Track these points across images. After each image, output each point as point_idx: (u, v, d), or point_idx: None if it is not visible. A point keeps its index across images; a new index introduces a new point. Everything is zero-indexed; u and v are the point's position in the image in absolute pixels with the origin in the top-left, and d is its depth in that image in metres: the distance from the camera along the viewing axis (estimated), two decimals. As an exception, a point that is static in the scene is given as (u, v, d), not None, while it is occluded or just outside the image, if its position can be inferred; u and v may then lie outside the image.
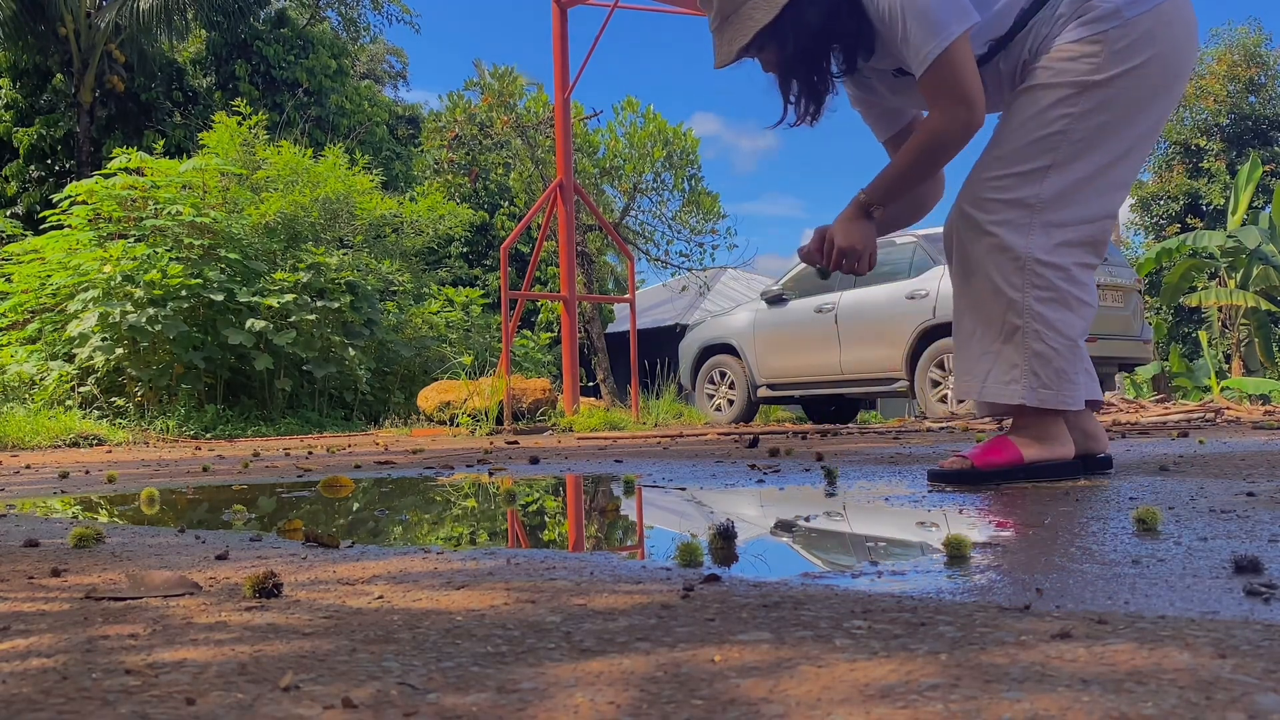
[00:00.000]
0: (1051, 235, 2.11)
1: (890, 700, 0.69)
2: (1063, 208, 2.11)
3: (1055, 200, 2.10)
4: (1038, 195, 2.11)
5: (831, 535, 1.71)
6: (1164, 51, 2.10)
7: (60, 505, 2.53)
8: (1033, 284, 2.10)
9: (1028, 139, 2.12)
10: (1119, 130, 2.11)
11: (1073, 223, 2.12)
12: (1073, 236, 2.12)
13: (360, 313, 9.98)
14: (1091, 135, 2.09)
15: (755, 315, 9.09)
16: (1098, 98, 2.08)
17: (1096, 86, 2.08)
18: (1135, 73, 2.09)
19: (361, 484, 2.86)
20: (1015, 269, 2.11)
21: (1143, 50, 2.08)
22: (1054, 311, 2.10)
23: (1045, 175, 2.10)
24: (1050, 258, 2.10)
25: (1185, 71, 2.18)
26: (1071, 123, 2.09)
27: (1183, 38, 2.13)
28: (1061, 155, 2.10)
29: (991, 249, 2.15)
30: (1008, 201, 2.13)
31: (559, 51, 8.60)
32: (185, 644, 0.91)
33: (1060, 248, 2.11)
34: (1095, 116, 2.09)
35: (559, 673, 0.79)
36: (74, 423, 7.66)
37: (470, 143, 15.79)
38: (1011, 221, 2.12)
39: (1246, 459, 2.72)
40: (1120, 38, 2.08)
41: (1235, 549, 1.28)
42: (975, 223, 2.18)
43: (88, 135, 17.11)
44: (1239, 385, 15.15)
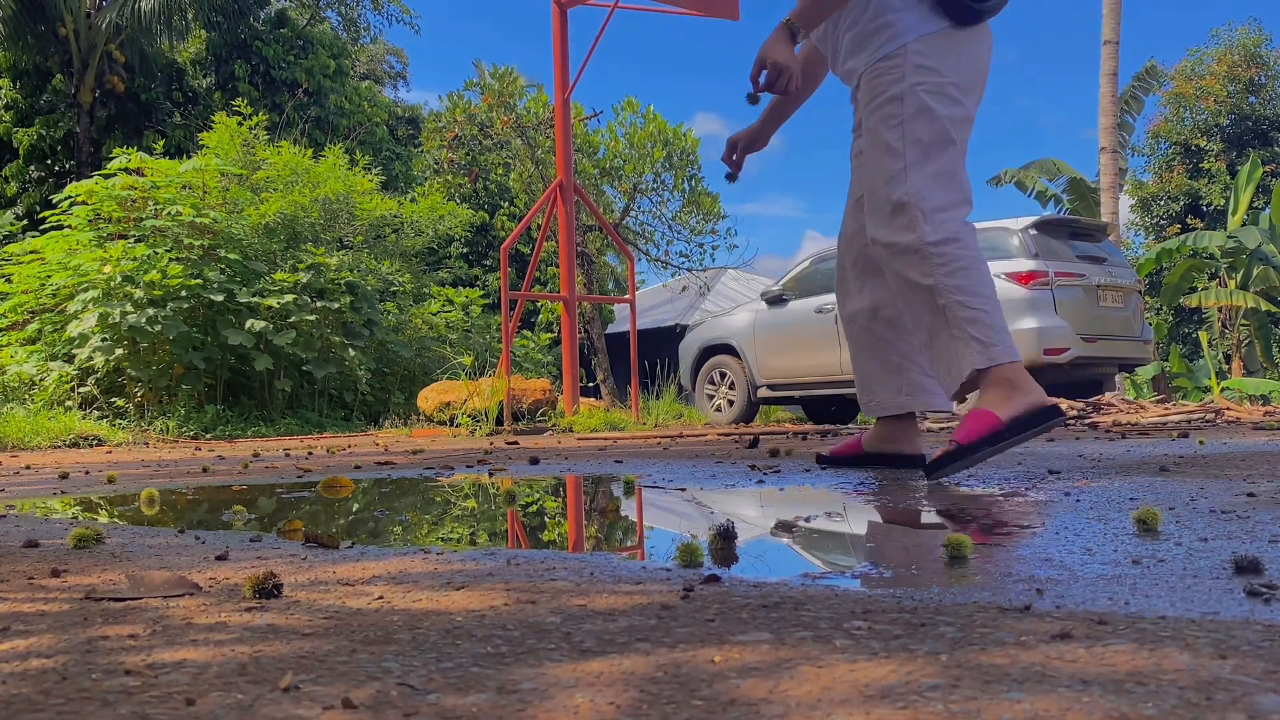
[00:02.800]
0: (931, 220, 2.35)
1: (890, 701, 0.69)
2: (930, 190, 2.37)
3: (925, 191, 2.37)
4: (906, 192, 2.38)
5: (831, 536, 1.71)
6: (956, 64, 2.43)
7: (60, 506, 2.53)
8: (936, 265, 2.32)
9: (882, 152, 2.43)
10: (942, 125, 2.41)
11: (944, 207, 2.37)
12: (948, 218, 2.36)
13: (360, 313, 9.98)
14: (920, 128, 2.39)
15: (755, 316, 9.09)
16: (912, 103, 2.40)
17: (904, 96, 2.41)
18: (932, 80, 2.41)
19: (361, 484, 2.86)
20: (918, 261, 2.34)
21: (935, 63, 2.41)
22: (965, 279, 2.31)
23: (908, 175, 2.38)
24: (939, 235, 2.33)
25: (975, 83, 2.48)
26: (903, 128, 2.40)
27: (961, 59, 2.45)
28: (911, 155, 2.39)
29: (896, 257, 2.39)
30: (894, 208, 2.39)
31: (559, 52, 8.60)
32: (185, 644, 0.91)
33: (941, 227, 2.34)
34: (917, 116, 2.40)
35: (559, 673, 0.79)
36: (74, 423, 7.66)
37: (470, 143, 15.79)
38: (900, 226, 2.38)
39: (1247, 459, 2.72)
40: (914, 51, 2.42)
41: (1235, 550, 1.28)
42: (880, 245, 2.44)
43: (88, 135, 17.11)
44: (1239, 386, 15.15)
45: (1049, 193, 20.56)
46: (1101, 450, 3.34)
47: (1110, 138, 14.55)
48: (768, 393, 8.99)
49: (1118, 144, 15.16)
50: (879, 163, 2.44)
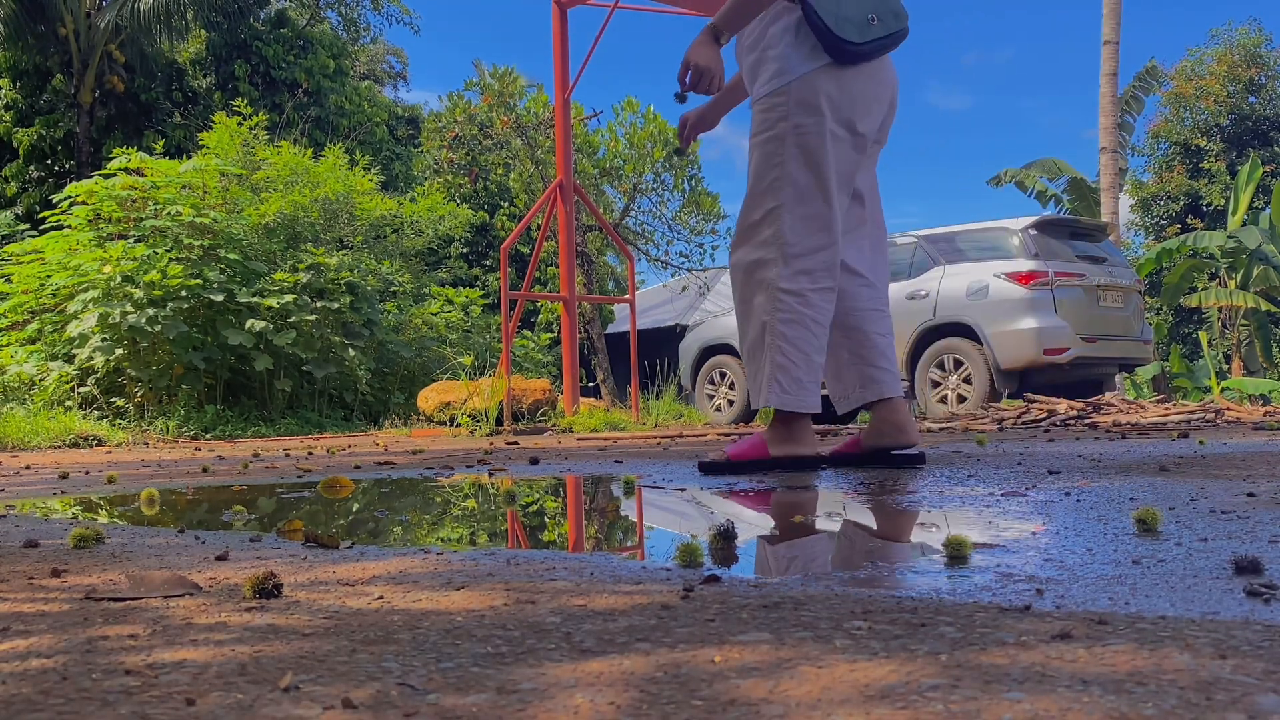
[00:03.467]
0: (791, 265, 2.53)
1: (890, 701, 0.69)
2: (798, 235, 2.53)
3: (791, 234, 2.53)
4: (776, 233, 2.56)
5: (831, 535, 1.71)
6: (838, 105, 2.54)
7: (60, 506, 2.53)
8: (777, 308, 2.53)
9: (760, 188, 2.57)
10: (820, 169, 2.53)
11: (807, 252, 2.54)
12: (809, 265, 2.54)
13: (360, 313, 9.98)
14: (797, 171, 2.53)
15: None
16: (792, 145, 2.53)
17: (785, 136, 2.53)
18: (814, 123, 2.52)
19: (361, 484, 2.86)
20: (766, 297, 2.55)
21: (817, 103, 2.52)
22: (793, 330, 2.53)
23: (780, 214, 2.55)
24: (791, 284, 2.54)
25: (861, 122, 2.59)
26: (782, 168, 2.54)
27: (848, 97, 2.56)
28: (785, 196, 2.54)
29: (749, 283, 2.60)
30: (760, 242, 2.58)
31: (559, 52, 8.59)
32: (185, 644, 0.91)
33: (799, 275, 2.54)
34: (795, 159, 2.53)
35: (559, 673, 0.79)
36: (74, 423, 7.65)
37: (470, 143, 15.78)
38: (761, 261, 2.57)
39: (1247, 460, 2.72)
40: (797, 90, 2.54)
41: (1235, 550, 1.28)
42: (739, 267, 2.63)
43: (87, 136, 17.11)
44: (1239, 386, 15.15)
45: (1049, 193, 20.57)
46: (1101, 450, 3.34)
47: (1110, 138, 14.56)
48: (768, 393, 8.98)
49: (1118, 144, 15.16)
50: (756, 196, 2.60)
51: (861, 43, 2.50)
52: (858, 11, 2.51)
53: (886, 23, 2.55)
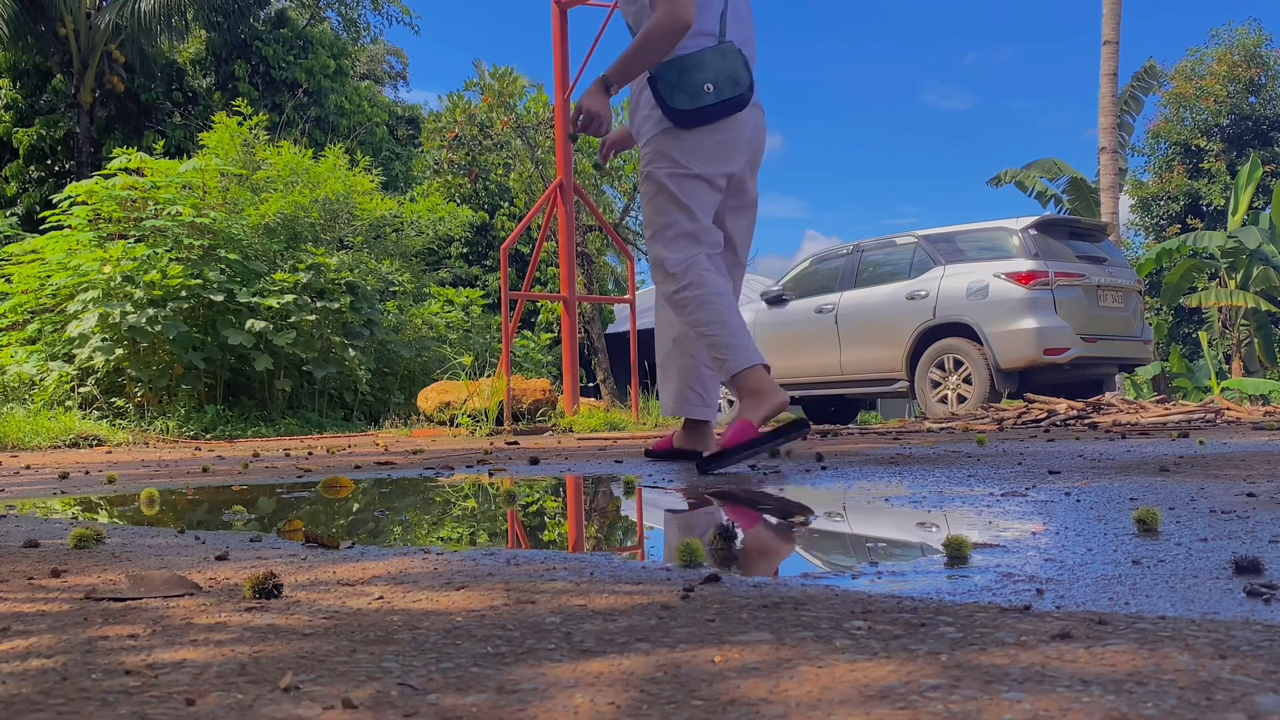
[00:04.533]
0: (670, 273, 2.92)
1: (890, 701, 0.69)
2: (669, 252, 2.95)
3: (668, 252, 2.94)
4: (655, 255, 2.97)
5: (831, 536, 1.71)
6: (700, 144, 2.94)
7: (60, 506, 2.53)
8: (683, 308, 2.89)
9: (646, 225, 3.05)
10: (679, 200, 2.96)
11: (681, 262, 2.92)
12: (685, 266, 2.91)
13: (360, 313, 9.97)
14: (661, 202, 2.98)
15: (755, 316, 9.09)
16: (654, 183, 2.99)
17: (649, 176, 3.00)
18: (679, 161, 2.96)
19: (361, 485, 2.86)
20: (678, 307, 2.92)
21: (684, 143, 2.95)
22: (699, 314, 2.85)
23: (656, 240, 2.97)
24: (678, 284, 2.90)
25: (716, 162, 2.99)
26: (650, 203, 3.00)
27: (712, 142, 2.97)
28: (659, 224, 2.97)
29: (668, 303, 2.98)
30: (653, 267, 3.00)
31: (559, 52, 8.60)
32: (185, 644, 0.91)
33: (679, 274, 2.90)
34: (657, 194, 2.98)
35: (559, 673, 0.79)
36: (74, 423, 7.65)
37: (470, 143, 15.78)
38: (659, 279, 2.95)
39: (1247, 460, 2.72)
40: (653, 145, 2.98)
41: (1236, 550, 1.28)
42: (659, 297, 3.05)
43: (87, 136, 17.11)
44: (1239, 386, 15.15)
45: (1049, 193, 20.56)
46: (1101, 450, 3.34)
47: (1110, 138, 14.56)
48: (768, 393, 8.97)
49: (1118, 144, 15.15)
50: (645, 227, 3.06)
51: (691, 110, 2.88)
52: (695, 81, 2.86)
53: (722, 90, 2.88)
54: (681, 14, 2.77)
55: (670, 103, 2.88)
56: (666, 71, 2.87)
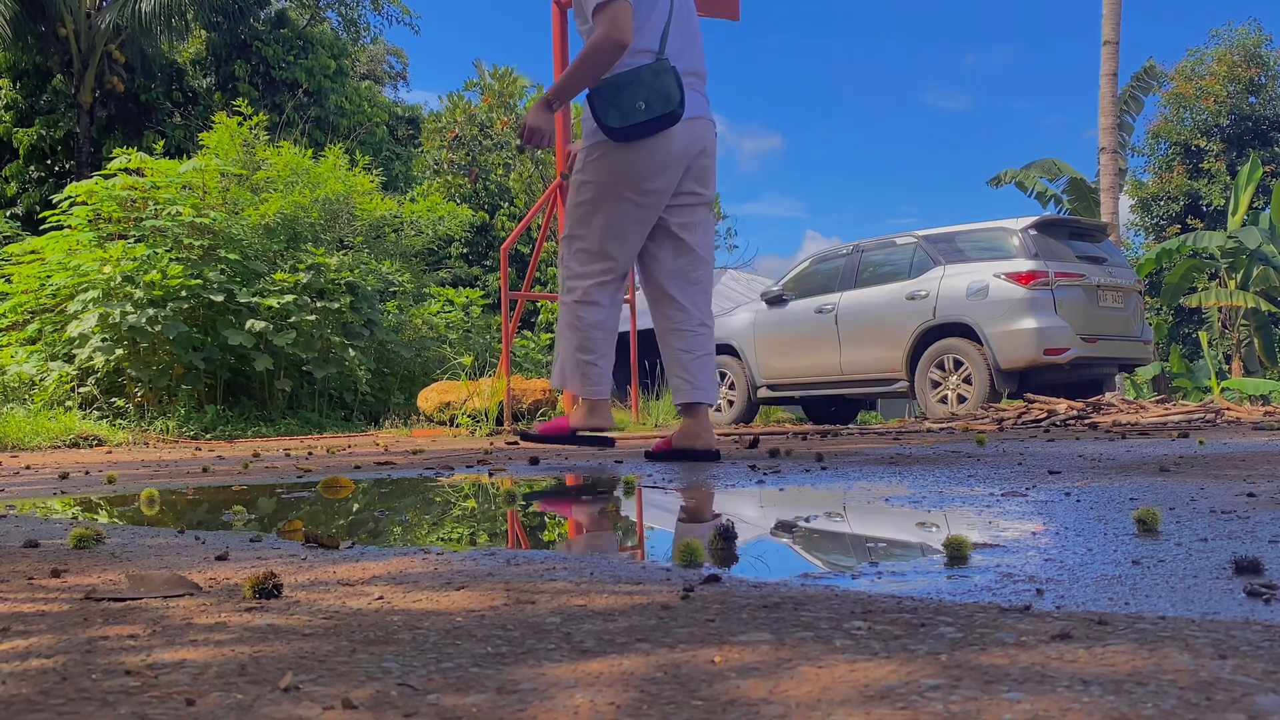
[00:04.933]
0: (570, 285, 3.20)
1: (890, 701, 0.69)
2: (574, 263, 3.20)
3: (574, 264, 3.20)
4: (561, 260, 3.24)
5: (831, 536, 1.71)
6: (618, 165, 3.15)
7: (60, 506, 2.53)
8: (572, 319, 3.21)
9: (570, 215, 3.24)
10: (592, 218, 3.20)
11: (584, 276, 3.20)
12: (586, 285, 3.20)
13: (360, 313, 9.97)
14: (582, 212, 3.22)
15: (755, 316, 9.09)
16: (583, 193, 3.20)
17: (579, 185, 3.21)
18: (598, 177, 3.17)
19: (361, 485, 2.86)
20: (568, 311, 3.21)
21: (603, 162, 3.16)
22: (584, 338, 3.16)
23: (565, 249, 3.24)
24: (573, 298, 3.19)
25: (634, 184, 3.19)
26: (573, 210, 3.22)
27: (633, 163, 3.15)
28: (572, 234, 3.22)
29: (562, 305, 3.25)
30: (564, 272, 3.25)
31: (559, 52, 8.59)
32: (185, 645, 0.91)
33: (577, 289, 3.20)
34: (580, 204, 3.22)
35: (559, 673, 0.79)
36: (74, 423, 7.65)
37: (470, 143, 15.80)
38: (566, 282, 3.22)
39: (1247, 460, 2.72)
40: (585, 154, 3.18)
41: (1236, 550, 1.28)
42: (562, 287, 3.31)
43: (88, 136, 17.11)
44: (1239, 386, 15.15)
45: (1049, 193, 20.56)
46: (1101, 450, 3.34)
47: (1110, 138, 14.55)
48: (768, 393, 8.98)
49: (1118, 144, 15.15)
50: (565, 234, 3.28)
51: (623, 126, 3.04)
52: (628, 99, 3.01)
53: (654, 107, 3.03)
54: (618, 34, 2.92)
55: (604, 119, 3.05)
56: (603, 89, 3.03)
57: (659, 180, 3.16)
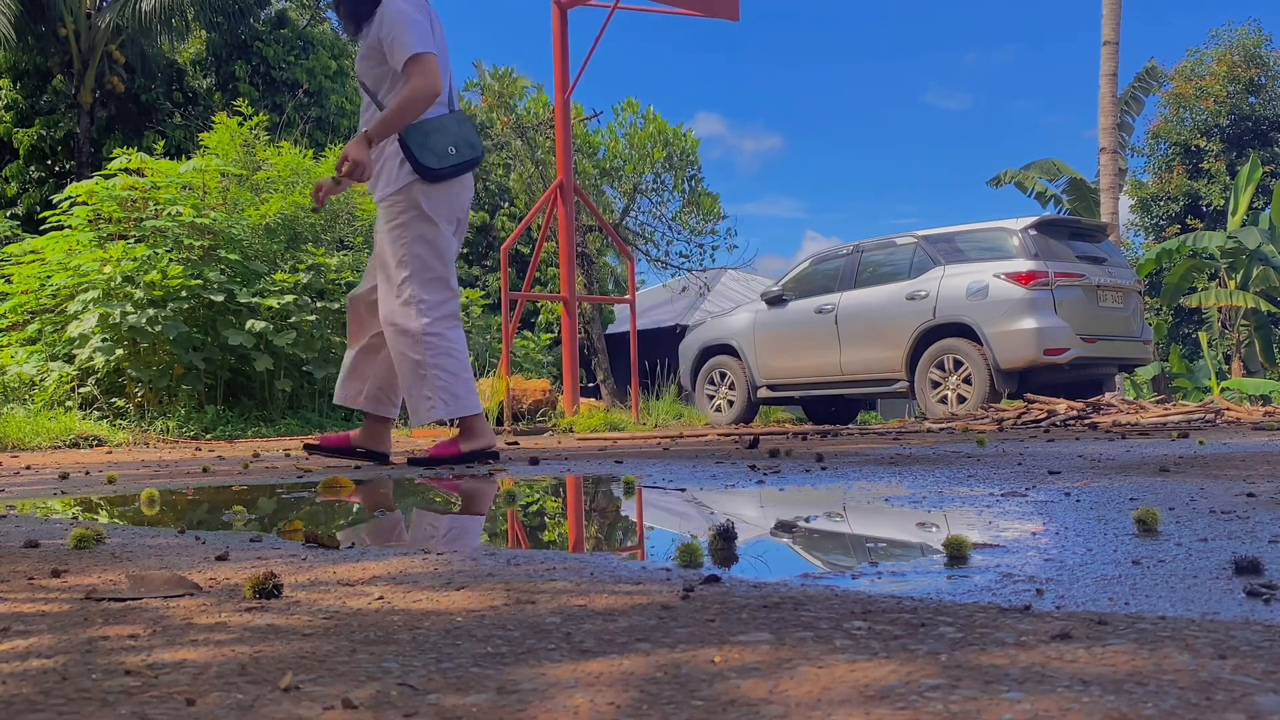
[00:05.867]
0: (428, 315, 3.36)
1: (890, 701, 0.69)
2: (426, 292, 3.39)
3: (423, 293, 3.38)
4: (411, 295, 3.37)
5: (831, 536, 1.71)
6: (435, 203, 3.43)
7: (60, 506, 2.53)
8: (426, 348, 3.34)
9: (394, 263, 3.40)
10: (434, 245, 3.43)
11: (437, 304, 3.40)
12: (440, 312, 3.40)
13: (360, 313, 9.96)
14: (419, 249, 3.41)
15: (755, 316, 9.09)
16: (413, 230, 3.41)
17: (407, 224, 3.41)
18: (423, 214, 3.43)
19: (362, 485, 2.86)
20: (413, 342, 3.35)
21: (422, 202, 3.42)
22: (443, 360, 3.35)
23: (412, 281, 3.38)
24: (431, 328, 3.36)
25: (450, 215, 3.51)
26: (408, 248, 3.39)
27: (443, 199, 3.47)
28: (414, 267, 3.38)
29: (400, 336, 3.38)
30: (403, 303, 3.37)
31: (559, 52, 8.60)
32: (185, 645, 0.91)
33: (436, 321, 3.37)
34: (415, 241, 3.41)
35: (559, 673, 0.79)
36: (74, 423, 7.65)
37: (470, 143, 15.76)
38: (406, 316, 3.36)
39: (1246, 460, 2.72)
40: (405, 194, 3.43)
41: (1235, 550, 1.28)
42: (390, 324, 3.40)
43: (88, 136, 17.10)
44: (1239, 386, 15.15)
45: (1049, 193, 20.56)
46: (1101, 450, 3.34)
47: (1110, 138, 14.55)
48: (768, 393, 8.98)
49: (1118, 144, 15.15)
50: (390, 270, 3.41)
51: (439, 168, 3.39)
52: (440, 144, 3.38)
53: (463, 152, 3.43)
54: (435, 85, 3.31)
55: (421, 160, 3.37)
56: (414, 133, 3.36)
57: (458, 214, 3.57)
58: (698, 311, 18.02)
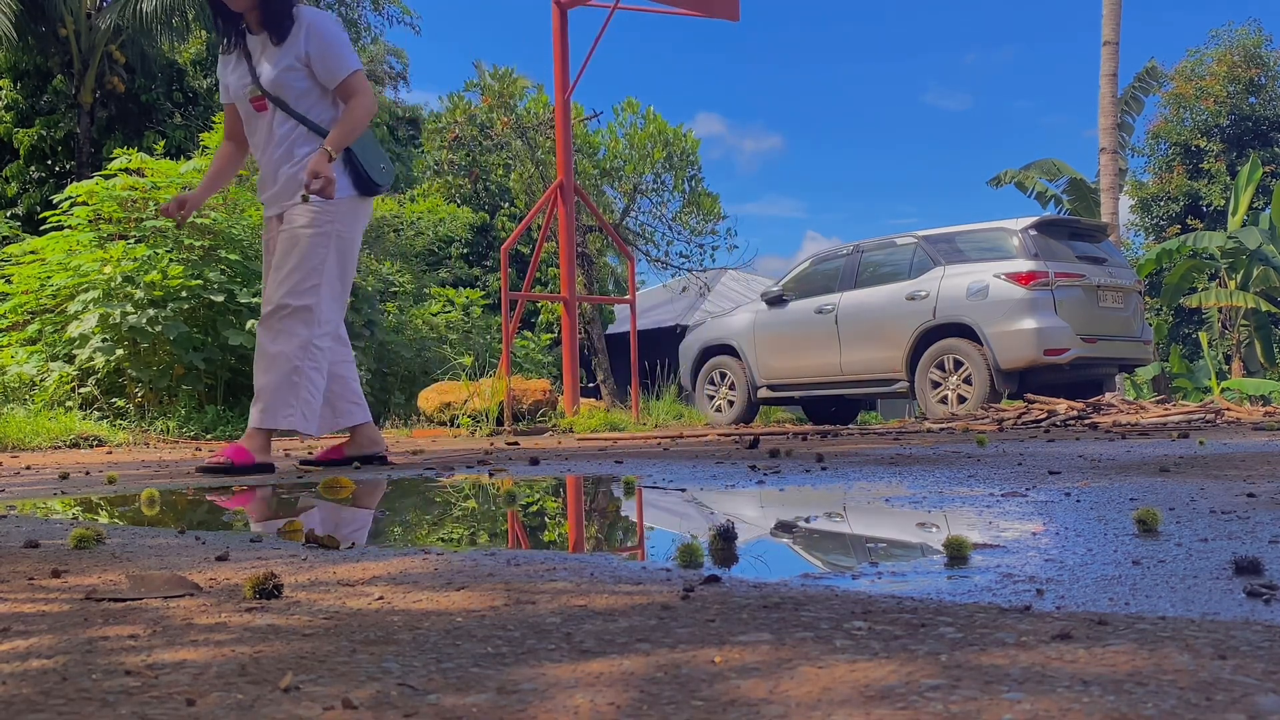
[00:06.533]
0: (321, 328, 3.39)
1: (890, 701, 0.69)
2: (328, 306, 3.43)
3: (325, 307, 3.41)
4: (315, 301, 3.37)
5: (831, 536, 1.71)
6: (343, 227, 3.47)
7: (60, 506, 2.53)
8: (308, 357, 3.35)
9: (308, 267, 3.38)
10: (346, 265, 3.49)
11: (330, 321, 3.45)
12: (330, 330, 3.44)
13: (360, 314, 9.97)
14: (333, 262, 3.43)
15: (755, 316, 9.09)
16: (331, 244, 3.42)
17: (329, 235, 3.42)
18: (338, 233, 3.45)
19: (362, 485, 2.86)
20: (299, 347, 3.33)
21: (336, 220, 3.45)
22: (316, 375, 3.39)
23: (320, 291, 3.39)
24: (321, 342, 3.39)
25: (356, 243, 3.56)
26: (324, 258, 3.40)
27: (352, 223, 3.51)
28: (326, 278, 3.41)
29: (282, 336, 3.34)
30: (302, 305, 3.35)
31: (559, 52, 8.60)
32: (185, 645, 0.91)
33: (323, 336, 3.41)
34: (331, 253, 3.43)
35: (559, 673, 0.79)
36: (74, 424, 7.65)
37: (470, 144, 15.78)
38: (300, 319, 3.35)
39: (1247, 460, 2.72)
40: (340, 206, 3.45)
41: (1236, 550, 1.28)
42: (276, 319, 3.36)
43: (88, 136, 17.11)
44: (1239, 386, 15.15)
45: (1049, 193, 20.56)
46: (1101, 451, 3.34)
47: (1110, 138, 14.55)
48: (768, 393, 8.98)
49: (1118, 144, 15.15)
50: (300, 272, 3.38)
51: (380, 184, 3.53)
52: (376, 159, 3.53)
53: (389, 173, 3.59)
54: (375, 101, 3.48)
55: (371, 175, 3.48)
56: (364, 149, 3.48)
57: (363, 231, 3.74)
58: (698, 311, 18.02)
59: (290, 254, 3.42)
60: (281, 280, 3.40)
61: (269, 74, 3.41)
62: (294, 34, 3.40)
